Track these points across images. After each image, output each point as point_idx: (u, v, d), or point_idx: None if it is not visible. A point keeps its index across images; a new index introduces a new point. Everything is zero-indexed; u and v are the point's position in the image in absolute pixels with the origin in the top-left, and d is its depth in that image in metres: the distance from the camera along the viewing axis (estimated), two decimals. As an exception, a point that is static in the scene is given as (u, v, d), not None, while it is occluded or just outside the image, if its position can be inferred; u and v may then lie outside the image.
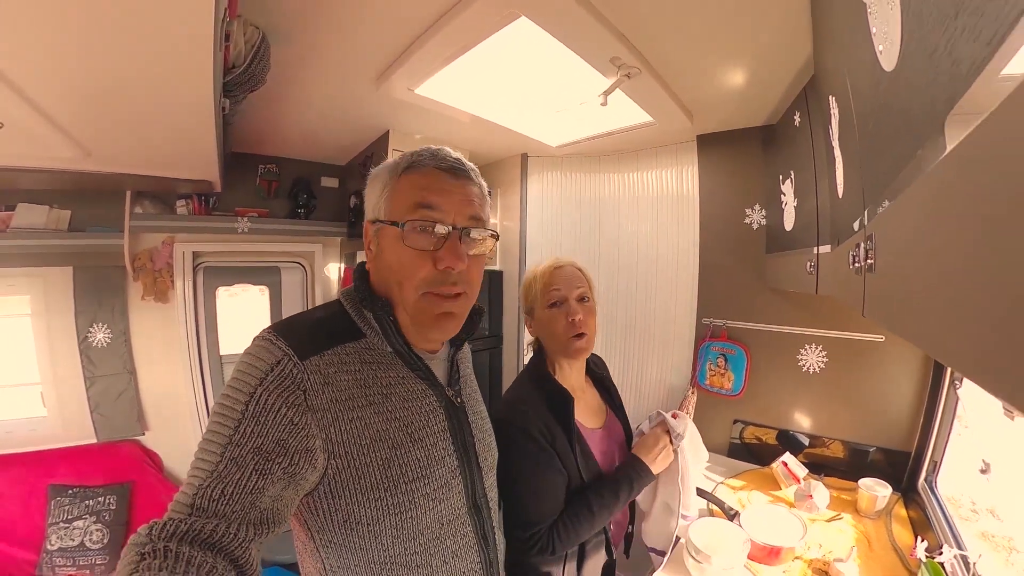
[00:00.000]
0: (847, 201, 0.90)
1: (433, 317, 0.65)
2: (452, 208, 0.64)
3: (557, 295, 0.99)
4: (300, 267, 2.76)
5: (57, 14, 0.77)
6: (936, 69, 0.34)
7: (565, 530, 0.89)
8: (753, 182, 1.94)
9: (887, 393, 1.62)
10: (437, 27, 1.26)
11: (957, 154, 0.31)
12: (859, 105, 0.69)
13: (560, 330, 0.98)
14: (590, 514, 0.90)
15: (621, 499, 0.93)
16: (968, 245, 0.32)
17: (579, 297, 1.00)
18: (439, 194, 0.64)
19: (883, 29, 0.49)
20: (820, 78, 1.16)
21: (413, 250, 0.62)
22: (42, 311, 2.06)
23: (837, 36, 0.83)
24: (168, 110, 1.23)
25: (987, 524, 1.26)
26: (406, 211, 0.63)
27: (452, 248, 0.63)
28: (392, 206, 0.65)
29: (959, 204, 0.33)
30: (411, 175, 0.65)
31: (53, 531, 1.88)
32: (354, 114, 1.96)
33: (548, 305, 1.00)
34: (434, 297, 0.64)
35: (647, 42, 1.32)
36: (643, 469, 0.97)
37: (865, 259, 0.67)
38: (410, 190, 0.64)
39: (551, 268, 1.03)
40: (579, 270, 1.04)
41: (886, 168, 0.55)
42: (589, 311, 1.01)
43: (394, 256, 0.64)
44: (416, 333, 0.68)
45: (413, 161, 0.66)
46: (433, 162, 0.65)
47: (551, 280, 1.00)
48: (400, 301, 0.65)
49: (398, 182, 0.65)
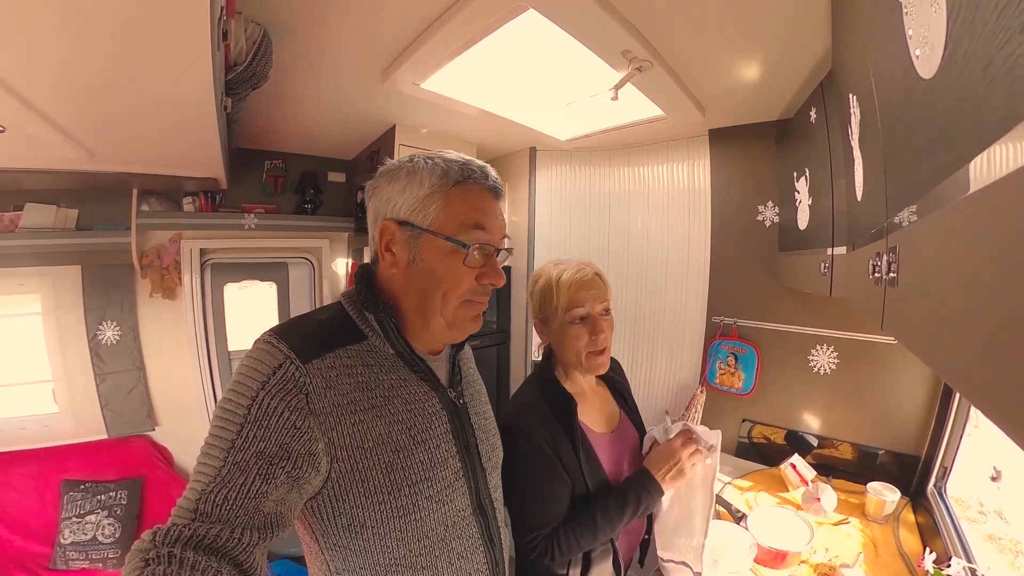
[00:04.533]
0: (867, 205, 0.87)
1: (470, 319, 0.69)
2: (495, 229, 0.67)
3: (581, 312, 0.94)
4: (307, 262, 2.75)
5: (50, 18, 0.75)
6: (990, 85, 0.31)
7: (565, 539, 0.87)
8: (766, 178, 1.89)
9: (898, 396, 1.60)
10: (443, 21, 1.22)
11: (1012, 181, 0.28)
12: (886, 108, 0.66)
13: (581, 347, 0.94)
14: (592, 526, 0.88)
15: (627, 515, 0.90)
16: (1004, 278, 0.30)
17: (603, 311, 0.97)
18: (489, 216, 0.67)
19: (921, 32, 0.46)
20: (839, 74, 1.12)
21: (468, 268, 0.65)
22: (52, 309, 2.07)
23: (861, 33, 0.79)
24: (168, 110, 1.21)
25: (995, 527, 1.24)
26: (462, 229, 0.64)
27: (494, 267, 0.68)
28: (444, 218, 0.64)
29: (1001, 232, 0.31)
30: (465, 190, 0.65)
31: (66, 525, 1.91)
32: (360, 109, 1.93)
33: (570, 320, 0.94)
34: (472, 303, 0.68)
35: (659, 35, 1.28)
36: (652, 485, 0.92)
37: (887, 271, 0.65)
38: (465, 208, 0.64)
39: (576, 282, 0.95)
40: (600, 278, 0.99)
41: (917, 180, 0.52)
42: (610, 324, 0.97)
43: (443, 269, 0.65)
44: (447, 336, 0.70)
45: (467, 175, 0.65)
46: (484, 181, 0.67)
47: (576, 296, 0.94)
48: (441, 310, 0.66)
49: (449, 194, 0.64)
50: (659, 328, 2.32)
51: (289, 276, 2.72)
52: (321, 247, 2.72)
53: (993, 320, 0.33)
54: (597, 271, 1.00)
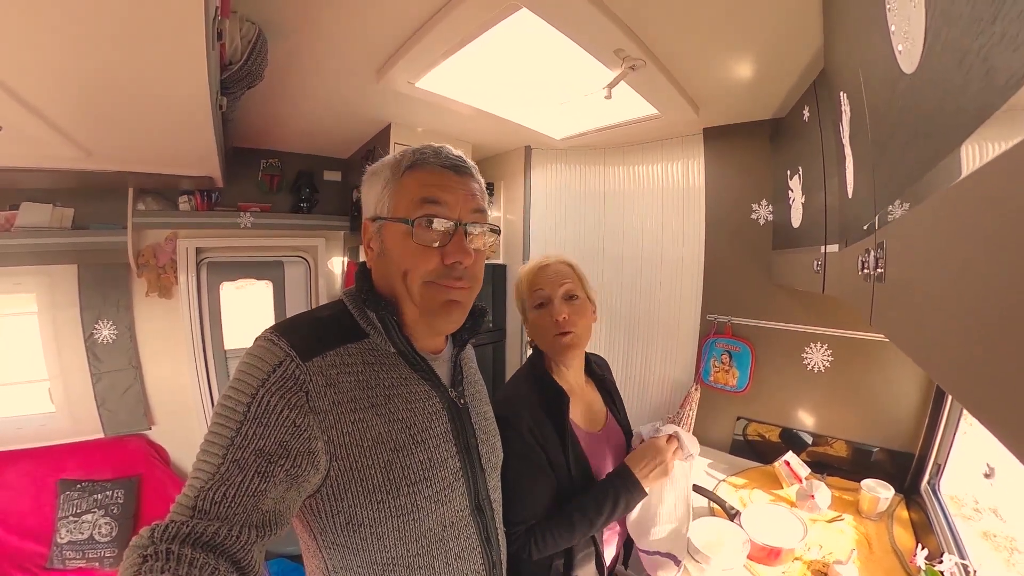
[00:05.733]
0: (857, 202, 0.87)
1: (441, 304, 0.65)
2: (457, 204, 0.65)
3: (542, 295, 0.97)
4: (303, 261, 2.75)
5: (46, 19, 0.75)
6: (966, 77, 0.32)
7: (543, 537, 0.86)
8: (760, 177, 1.90)
9: (892, 393, 1.60)
10: (436, 20, 1.23)
11: (990, 171, 0.29)
12: (873, 105, 0.66)
13: (546, 328, 0.96)
14: (570, 525, 0.87)
15: (605, 513, 0.88)
16: (990, 273, 0.30)
17: (566, 295, 0.96)
18: (444, 190, 0.64)
19: (903, 27, 0.46)
20: (831, 73, 1.12)
21: (421, 246, 0.63)
22: (48, 308, 2.07)
23: (850, 31, 0.79)
24: (164, 109, 1.22)
25: (989, 524, 1.24)
26: (412, 208, 0.63)
27: (458, 243, 0.64)
28: (396, 203, 0.65)
29: (985, 224, 0.31)
30: (415, 172, 0.65)
31: (63, 524, 1.91)
32: (355, 108, 1.93)
33: (534, 306, 0.98)
34: (438, 286, 0.64)
35: (652, 33, 1.29)
36: (632, 483, 0.90)
37: (875, 267, 0.65)
38: (415, 187, 0.64)
39: (535, 268, 1.00)
40: (568, 265, 1.00)
41: (901, 174, 0.53)
42: (578, 309, 0.97)
43: (400, 251, 0.64)
44: (424, 325, 0.67)
45: (416, 159, 0.66)
46: (436, 160, 0.66)
47: (535, 280, 0.98)
48: (406, 294, 0.65)
49: (401, 180, 0.65)
50: (653, 326, 2.33)
51: (285, 275, 2.72)
52: (317, 246, 2.72)
53: (975, 315, 0.33)
54: (562, 259, 1.01)
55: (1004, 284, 0.25)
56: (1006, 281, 0.25)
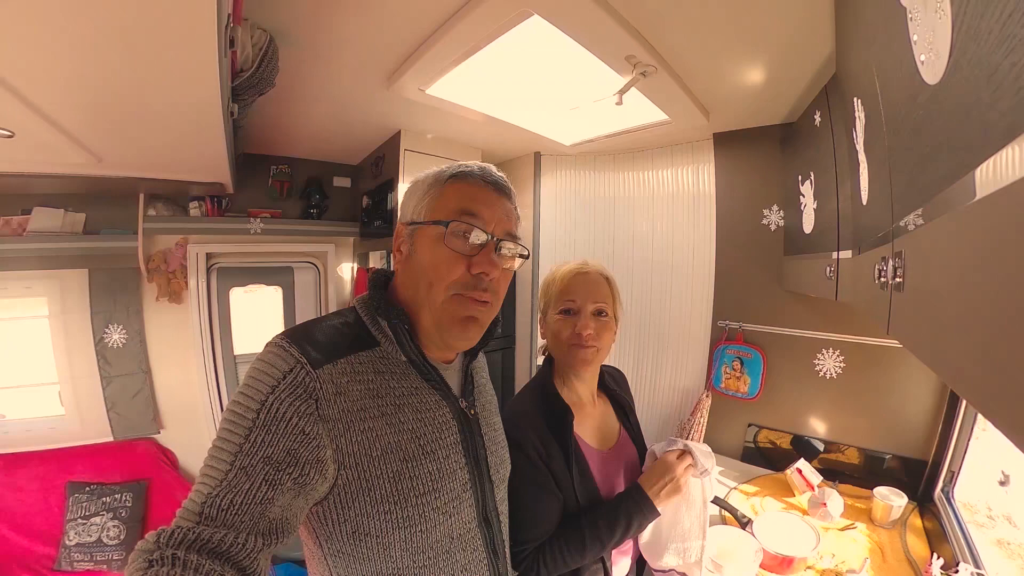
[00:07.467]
0: (872, 209, 0.87)
1: (459, 319, 0.65)
2: (493, 220, 0.66)
3: (571, 304, 0.93)
4: (313, 267, 2.77)
5: (58, 26, 0.76)
6: (995, 92, 0.31)
7: (552, 556, 0.84)
8: (771, 182, 1.89)
9: (905, 400, 1.59)
10: (447, 27, 1.23)
11: (1018, 189, 0.28)
12: (891, 113, 0.66)
13: (565, 337, 0.92)
14: (581, 546, 0.84)
15: (617, 534, 0.85)
16: (1017, 289, 0.30)
17: (596, 311, 0.93)
18: (483, 205, 0.66)
19: (927, 38, 0.46)
20: (843, 78, 1.12)
21: (451, 252, 0.63)
22: (59, 312, 2.09)
23: (865, 37, 0.79)
24: (176, 116, 1.23)
25: (1004, 531, 1.23)
26: (449, 215, 0.64)
27: (488, 255, 0.65)
28: (434, 209, 0.66)
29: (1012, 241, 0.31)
30: (457, 184, 0.67)
31: (71, 527, 1.92)
32: (365, 114, 1.94)
33: (559, 311, 0.94)
34: (463, 299, 0.64)
35: (663, 39, 1.29)
36: (645, 502, 0.87)
37: (893, 276, 0.64)
38: (455, 197, 0.65)
39: (572, 272, 0.95)
40: (605, 280, 0.96)
41: (922, 185, 0.52)
42: (604, 326, 0.93)
43: (429, 256, 0.64)
44: (438, 338, 0.66)
45: (461, 171, 0.67)
46: (481, 175, 0.68)
47: (569, 286, 0.94)
48: (427, 302, 0.64)
49: (443, 189, 0.67)
50: (664, 332, 2.31)
51: (295, 280, 2.74)
52: (327, 252, 2.74)
53: (999, 326, 0.33)
54: (602, 271, 0.98)
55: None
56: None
